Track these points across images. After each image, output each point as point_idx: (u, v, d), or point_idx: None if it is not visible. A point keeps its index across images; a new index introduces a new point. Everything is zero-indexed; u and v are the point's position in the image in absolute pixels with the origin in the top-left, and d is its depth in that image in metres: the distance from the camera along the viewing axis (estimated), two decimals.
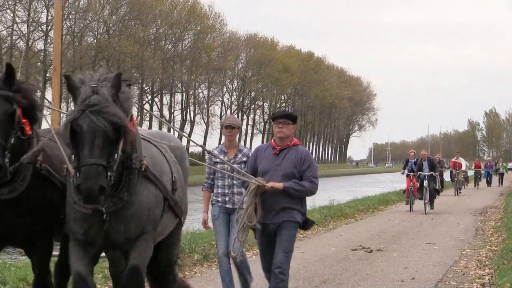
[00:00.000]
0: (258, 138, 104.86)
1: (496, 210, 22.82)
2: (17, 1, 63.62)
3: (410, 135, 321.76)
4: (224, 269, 7.70)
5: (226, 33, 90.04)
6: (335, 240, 14.56)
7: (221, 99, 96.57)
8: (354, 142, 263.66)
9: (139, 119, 65.79)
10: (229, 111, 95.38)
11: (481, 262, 11.29)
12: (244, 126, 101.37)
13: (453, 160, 37.38)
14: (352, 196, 26.29)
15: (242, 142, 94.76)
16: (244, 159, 7.56)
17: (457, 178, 34.32)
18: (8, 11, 63.82)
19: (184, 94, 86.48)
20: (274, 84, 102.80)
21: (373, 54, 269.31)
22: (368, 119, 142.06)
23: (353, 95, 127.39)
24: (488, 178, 43.86)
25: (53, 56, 12.00)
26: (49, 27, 62.24)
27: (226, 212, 7.63)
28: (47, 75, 61.40)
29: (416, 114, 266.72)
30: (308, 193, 6.64)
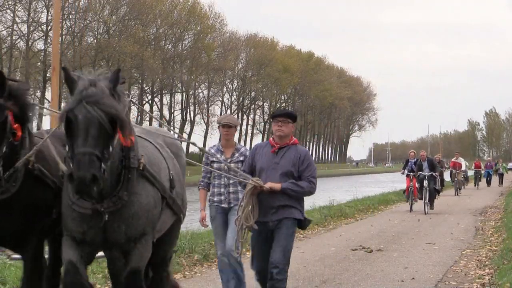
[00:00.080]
0: (258, 138, 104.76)
1: (496, 210, 22.82)
2: (17, 1, 63.63)
3: (410, 135, 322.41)
4: (224, 270, 7.70)
5: (226, 33, 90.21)
6: (335, 240, 14.56)
7: (221, 99, 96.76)
8: (354, 142, 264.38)
9: (139, 119, 65.72)
10: (229, 111, 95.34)
11: (481, 262, 11.29)
12: (244, 126, 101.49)
13: (453, 160, 37.38)
14: (352, 196, 26.27)
15: (242, 142, 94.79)
16: (241, 159, 7.52)
17: (457, 178, 34.36)
18: (8, 11, 63.91)
19: (184, 94, 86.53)
20: (274, 84, 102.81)
21: (373, 54, 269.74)
22: (368, 119, 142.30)
23: (353, 95, 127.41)
24: (488, 178, 43.84)
25: (52, 56, 11.96)
26: (49, 27, 62.13)
27: (223, 212, 7.61)
28: (47, 75, 61.37)
29: (416, 114, 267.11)
30: (307, 194, 6.59)
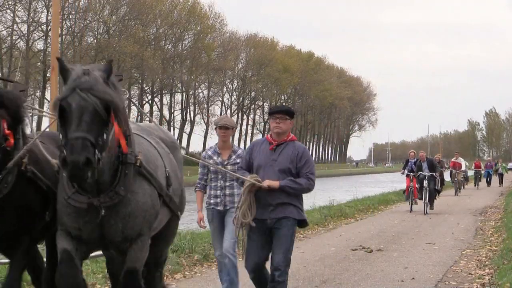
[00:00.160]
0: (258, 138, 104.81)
1: (496, 210, 22.82)
2: (17, 1, 63.63)
3: (410, 135, 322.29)
4: (223, 270, 7.71)
5: (226, 33, 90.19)
6: (335, 240, 14.55)
7: (221, 99, 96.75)
8: (354, 142, 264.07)
9: (139, 120, 65.71)
10: (229, 111, 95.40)
11: (481, 262, 11.28)
12: (244, 126, 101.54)
13: (453, 160, 37.37)
14: (352, 196, 26.25)
15: (242, 142, 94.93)
16: (238, 161, 7.48)
17: (457, 178, 34.37)
18: (8, 11, 63.89)
19: (184, 94, 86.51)
20: (274, 84, 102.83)
21: (373, 54, 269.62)
22: (368, 119, 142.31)
23: (353, 95, 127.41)
24: (488, 178, 43.82)
25: (51, 56, 11.98)
26: (49, 27, 62.03)
27: (219, 215, 7.61)
28: (47, 75, 61.36)
29: (416, 114, 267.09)
30: (305, 191, 6.55)
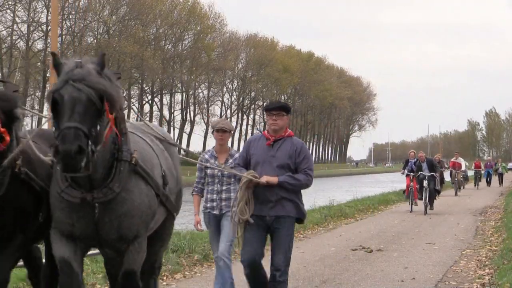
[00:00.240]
0: None
1: (496, 210, 22.81)
2: (17, 1, 63.66)
3: (410, 135, 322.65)
4: (217, 272, 7.73)
5: (226, 33, 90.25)
6: (335, 240, 14.55)
7: (221, 99, 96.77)
8: (354, 142, 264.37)
9: (139, 120, 65.72)
10: (229, 111, 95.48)
11: (481, 262, 11.28)
12: (244, 126, 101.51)
13: (453, 160, 37.34)
14: (352, 196, 26.26)
15: (242, 142, 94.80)
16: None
17: (457, 178, 34.36)
18: (8, 11, 63.95)
19: (184, 94, 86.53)
20: (274, 84, 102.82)
21: (373, 54, 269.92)
22: (368, 119, 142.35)
23: (353, 95, 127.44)
24: (488, 178, 43.77)
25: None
26: (49, 27, 62.14)
27: (216, 219, 7.62)
28: (47, 75, 61.35)
29: (416, 114, 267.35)
30: (304, 186, 6.51)
